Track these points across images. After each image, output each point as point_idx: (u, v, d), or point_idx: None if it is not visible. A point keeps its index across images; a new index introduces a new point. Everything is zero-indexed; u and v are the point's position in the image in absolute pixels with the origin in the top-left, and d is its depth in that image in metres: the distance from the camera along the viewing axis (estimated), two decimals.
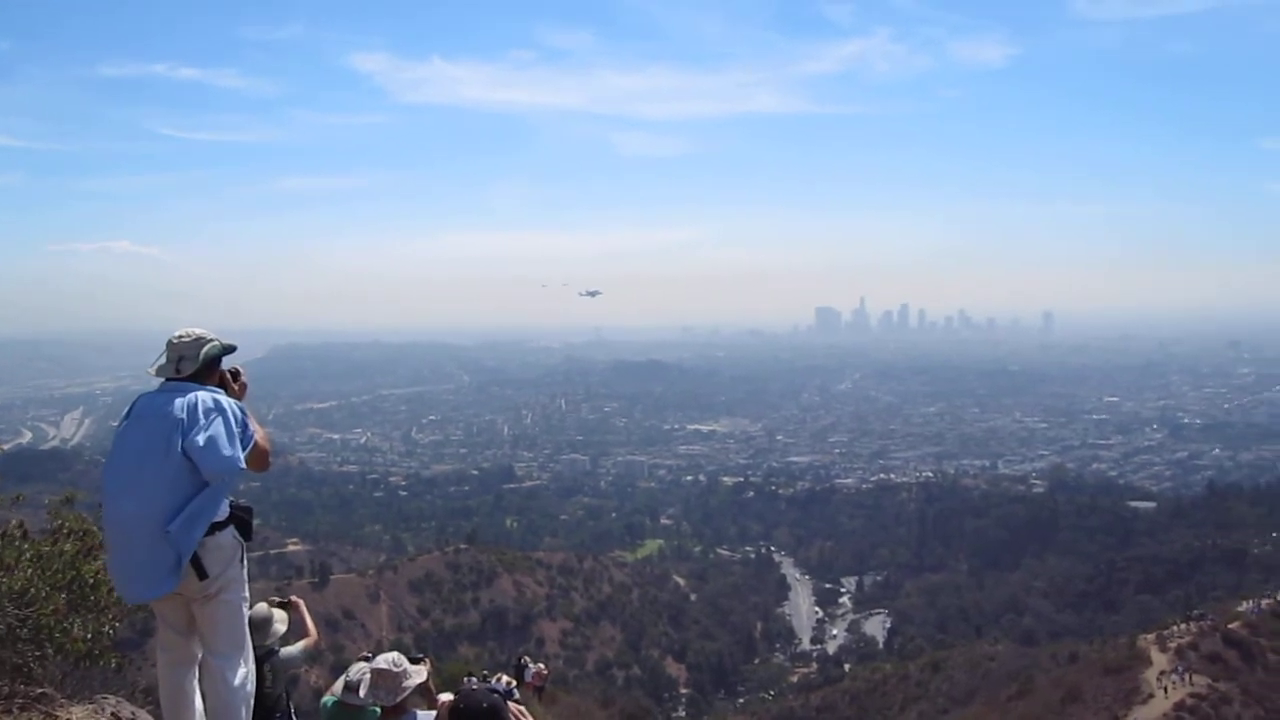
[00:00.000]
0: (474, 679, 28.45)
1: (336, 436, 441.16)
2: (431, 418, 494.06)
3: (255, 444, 9.29)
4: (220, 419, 8.97)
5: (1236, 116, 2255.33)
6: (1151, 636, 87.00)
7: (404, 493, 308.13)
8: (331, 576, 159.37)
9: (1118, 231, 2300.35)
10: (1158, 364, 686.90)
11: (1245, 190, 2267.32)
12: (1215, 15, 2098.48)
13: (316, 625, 11.93)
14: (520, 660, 27.99)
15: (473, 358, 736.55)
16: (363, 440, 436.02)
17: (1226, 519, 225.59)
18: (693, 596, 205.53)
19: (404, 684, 9.74)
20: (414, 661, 10.23)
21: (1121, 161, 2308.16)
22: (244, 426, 9.17)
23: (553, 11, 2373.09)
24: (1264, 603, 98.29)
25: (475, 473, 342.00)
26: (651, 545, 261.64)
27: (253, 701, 9.57)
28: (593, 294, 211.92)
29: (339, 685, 10.64)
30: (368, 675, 9.97)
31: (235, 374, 9.80)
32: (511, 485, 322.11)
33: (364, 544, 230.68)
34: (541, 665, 27.09)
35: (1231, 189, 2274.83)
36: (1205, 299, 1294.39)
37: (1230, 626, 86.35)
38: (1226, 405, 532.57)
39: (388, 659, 9.91)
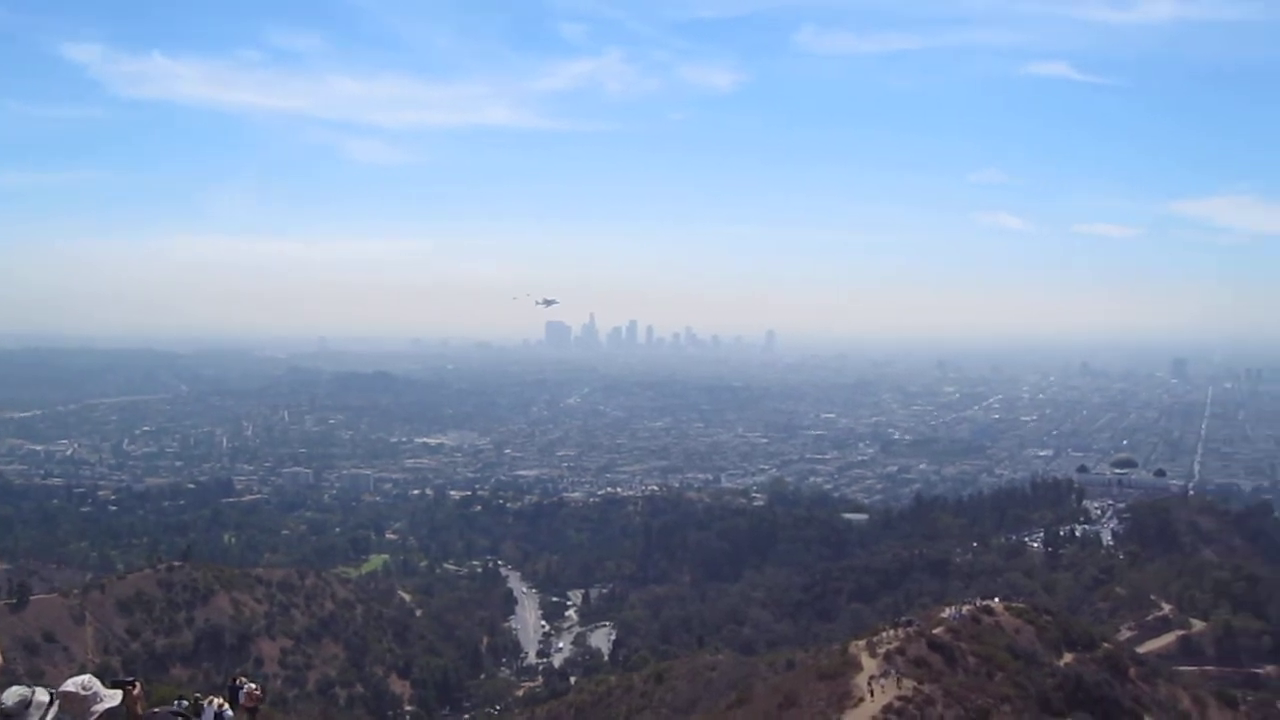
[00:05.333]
0: (183, 702, 26.99)
1: (40, 448, 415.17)
2: (145, 428, 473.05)
3: None
4: None
5: (949, 151, 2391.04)
6: (863, 643, 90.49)
7: (114, 507, 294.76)
8: (32, 597, 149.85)
9: (837, 255, 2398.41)
10: (871, 382, 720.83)
11: (955, 220, 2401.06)
12: (929, 54, 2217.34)
13: (5, 649, 10.96)
14: (235, 681, 26.47)
15: (190, 366, 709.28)
16: (69, 452, 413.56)
17: (932, 530, 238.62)
18: (418, 612, 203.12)
19: (93, 708, 8.98)
20: (118, 685, 9.47)
21: (842, 188, 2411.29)
22: None
23: (281, 12, 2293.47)
24: (965, 608, 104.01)
25: (192, 486, 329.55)
26: (376, 560, 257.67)
27: None
28: (549, 303, 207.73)
29: None
30: (53, 700, 9.14)
31: None
32: (230, 499, 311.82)
33: (69, 562, 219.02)
34: (254, 685, 25.76)
35: (943, 219, 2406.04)
36: (915, 322, 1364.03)
37: (934, 632, 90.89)
38: (933, 422, 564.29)
39: (76, 682, 9.12)
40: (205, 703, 25.82)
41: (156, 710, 10.70)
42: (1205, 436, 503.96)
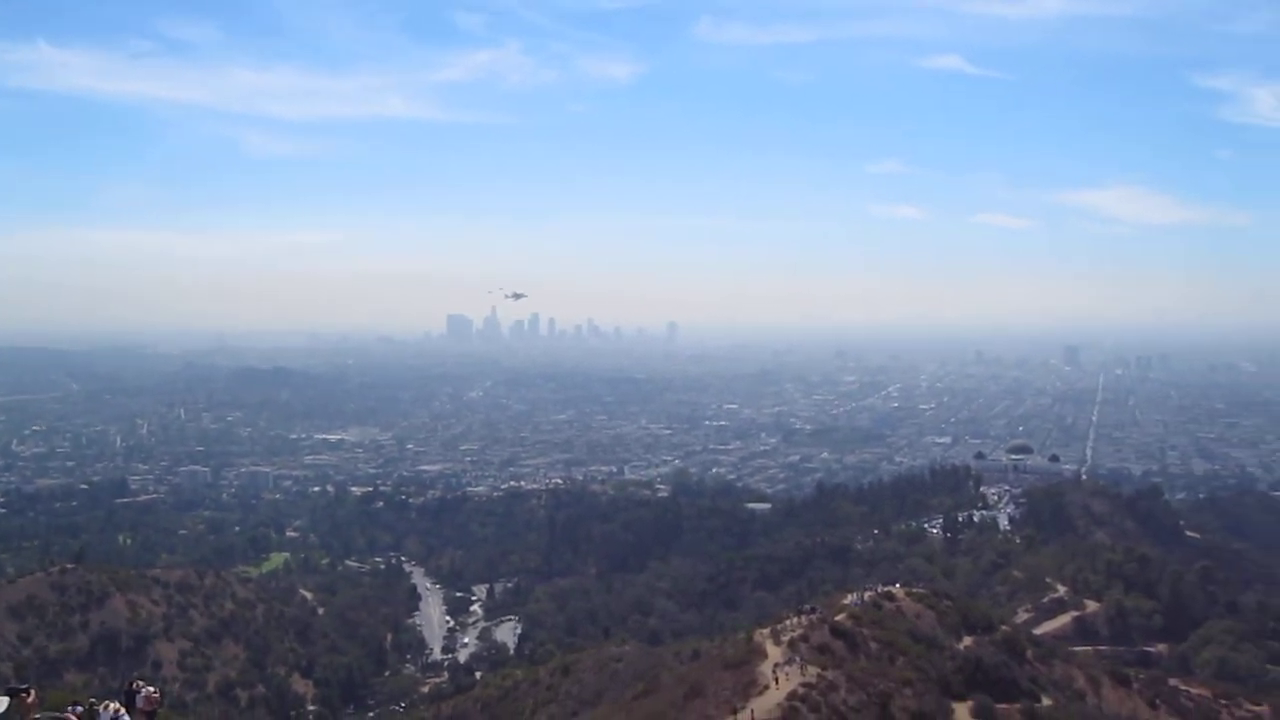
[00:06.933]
0: (79, 707, 26.46)
1: None
2: (35, 428, 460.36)
3: None
4: None
5: (847, 142, 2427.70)
6: (767, 631, 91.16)
7: (3, 510, 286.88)
8: None
9: (738, 245, 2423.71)
10: (772, 372, 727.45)
11: (854, 211, 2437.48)
12: (825, 46, 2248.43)
13: None
14: (131, 685, 26.06)
15: (83, 364, 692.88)
16: None
17: (834, 518, 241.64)
18: (320, 610, 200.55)
19: None
20: (10, 693, 9.23)
21: (742, 179, 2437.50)
22: None
23: (173, 1, 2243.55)
24: (867, 595, 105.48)
25: (85, 487, 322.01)
26: (277, 559, 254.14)
27: None
28: (519, 296, 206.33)
29: None
30: None
31: None
32: (125, 499, 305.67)
33: None
34: (152, 689, 25.31)
35: (840, 208, 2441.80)
36: (815, 311, 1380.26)
37: (837, 618, 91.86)
38: (834, 411, 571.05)
39: None
40: (101, 708, 25.39)
41: (49, 716, 10.45)
42: (1097, 422, 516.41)
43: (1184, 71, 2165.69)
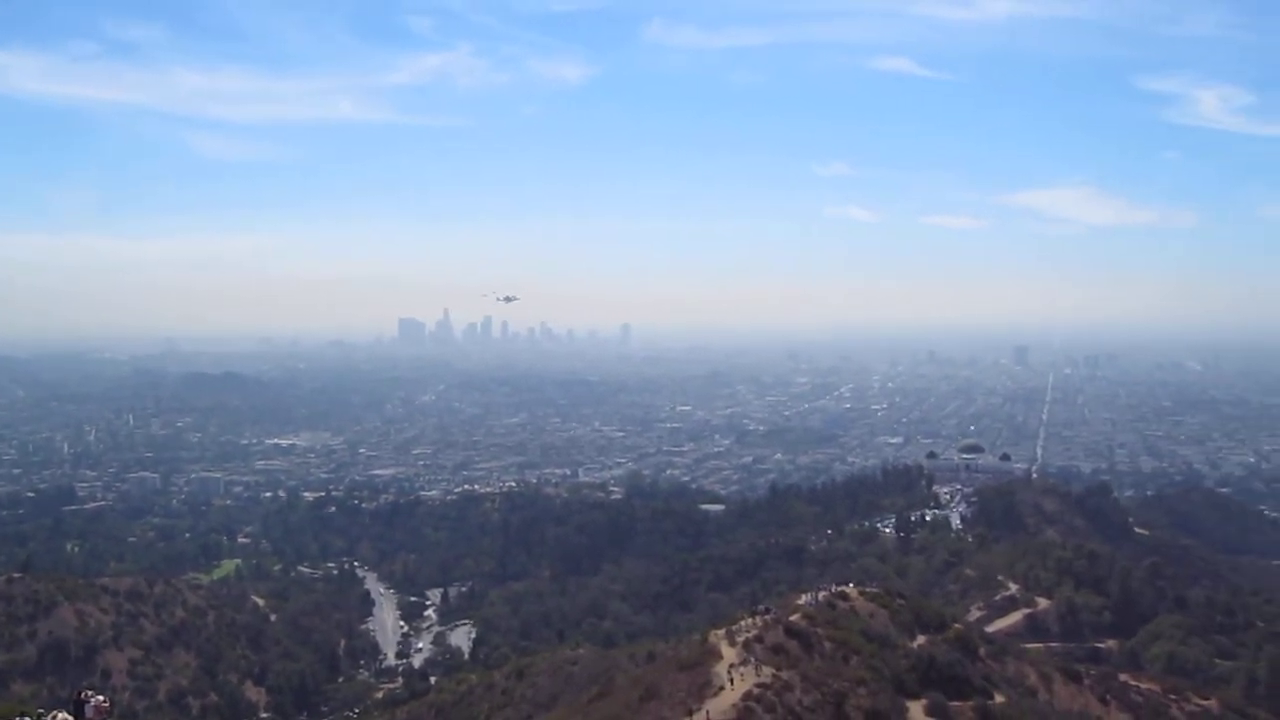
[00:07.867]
0: (26, 719, 26.17)
1: None
2: None
3: None
4: None
5: (796, 143, 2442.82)
6: (722, 632, 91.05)
7: None
8: None
9: (690, 248, 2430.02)
10: (725, 374, 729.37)
11: (805, 213, 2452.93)
12: (775, 49, 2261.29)
13: None
14: (80, 695, 25.77)
15: (28, 370, 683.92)
16: None
17: (787, 518, 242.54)
18: (273, 617, 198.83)
19: None
20: None
21: (693, 181, 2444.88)
22: None
23: (118, 2, 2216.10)
24: (820, 595, 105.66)
25: (31, 495, 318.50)
26: (229, 565, 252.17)
27: None
28: (510, 299, 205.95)
29: None
30: None
31: None
32: (73, 507, 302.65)
33: None
34: (102, 698, 25.04)
35: (793, 210, 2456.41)
36: (767, 313, 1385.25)
37: (792, 619, 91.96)
38: (787, 412, 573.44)
39: None
40: (50, 718, 25.10)
41: None
42: (1047, 421, 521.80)
43: (1130, 74, 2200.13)
